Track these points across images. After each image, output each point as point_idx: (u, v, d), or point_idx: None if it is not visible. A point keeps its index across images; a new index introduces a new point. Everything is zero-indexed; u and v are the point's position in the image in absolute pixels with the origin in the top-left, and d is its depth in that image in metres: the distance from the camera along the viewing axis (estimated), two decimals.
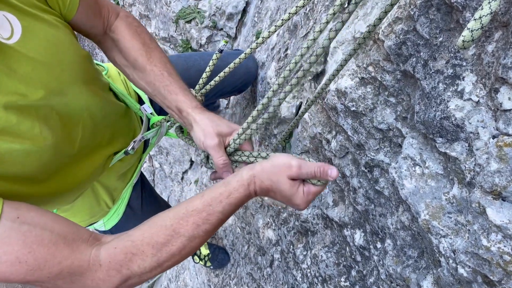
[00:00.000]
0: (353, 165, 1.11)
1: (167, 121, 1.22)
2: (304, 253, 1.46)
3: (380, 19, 0.80)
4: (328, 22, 0.75)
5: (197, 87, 1.13)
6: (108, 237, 0.75)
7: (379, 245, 1.06)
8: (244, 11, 2.05)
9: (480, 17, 0.52)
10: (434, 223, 0.79)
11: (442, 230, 0.77)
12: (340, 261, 1.26)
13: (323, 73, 1.24)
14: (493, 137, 0.66)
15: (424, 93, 0.79)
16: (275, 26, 0.98)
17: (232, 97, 2.24)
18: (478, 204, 0.68)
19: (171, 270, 3.51)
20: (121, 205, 1.30)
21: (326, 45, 0.74)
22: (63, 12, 0.85)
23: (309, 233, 1.45)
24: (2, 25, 0.71)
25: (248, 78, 1.70)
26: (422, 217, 0.81)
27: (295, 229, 1.54)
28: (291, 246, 1.55)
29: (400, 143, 0.94)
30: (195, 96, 1.06)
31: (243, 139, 0.88)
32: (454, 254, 0.74)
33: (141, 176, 1.50)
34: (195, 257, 2.61)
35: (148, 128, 1.25)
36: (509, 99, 0.62)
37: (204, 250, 2.56)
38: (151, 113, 1.24)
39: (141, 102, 1.28)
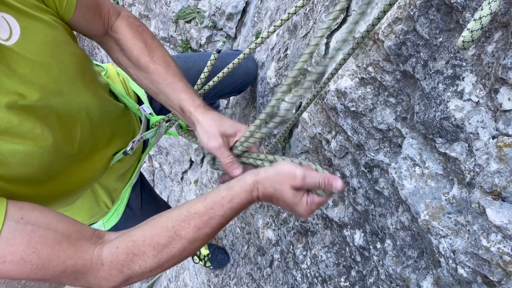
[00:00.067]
0: (353, 165, 1.11)
1: (166, 121, 1.22)
2: (304, 253, 1.46)
3: (379, 19, 0.80)
4: (322, 36, 0.75)
5: (195, 87, 1.13)
6: (111, 234, 0.76)
7: (379, 245, 1.06)
8: (244, 11, 2.05)
9: (480, 18, 0.52)
10: (434, 224, 0.79)
11: (442, 230, 0.77)
12: (340, 261, 1.26)
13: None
14: (493, 137, 0.66)
15: (424, 93, 0.79)
16: (274, 26, 0.98)
17: (232, 97, 2.24)
18: (478, 204, 0.68)
19: (170, 270, 3.51)
20: (121, 205, 1.30)
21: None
22: (60, 12, 0.85)
23: (309, 233, 1.44)
24: (1, 26, 0.71)
25: (247, 78, 1.70)
26: (422, 217, 0.81)
27: (294, 229, 1.54)
28: (291, 246, 1.55)
29: (400, 143, 0.93)
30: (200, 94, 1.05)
31: (251, 142, 0.88)
32: (454, 255, 0.74)
33: (141, 176, 1.50)
34: (195, 257, 2.61)
35: (148, 128, 1.25)
36: (509, 99, 0.62)
37: (203, 250, 2.56)
38: (150, 114, 1.24)
39: (140, 102, 1.28)
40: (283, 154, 1.57)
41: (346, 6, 0.74)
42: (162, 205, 1.67)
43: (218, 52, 1.12)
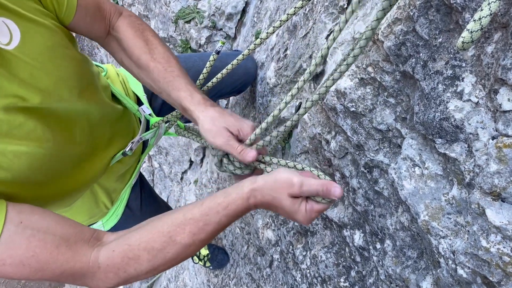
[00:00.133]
0: (353, 166, 1.11)
1: (165, 122, 1.22)
2: (304, 253, 1.46)
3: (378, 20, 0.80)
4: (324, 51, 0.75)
5: None
6: (110, 236, 0.77)
7: (378, 245, 1.06)
8: (244, 11, 2.05)
9: (479, 18, 0.52)
10: (433, 224, 0.79)
11: (442, 231, 0.77)
12: (340, 261, 1.26)
13: (322, 73, 1.24)
14: (493, 138, 0.66)
15: (424, 94, 0.79)
16: (273, 27, 0.98)
17: (232, 98, 2.24)
18: (478, 205, 0.67)
19: (170, 270, 3.51)
20: (120, 206, 1.30)
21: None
22: (60, 16, 0.85)
23: (309, 233, 1.44)
24: (1, 31, 0.71)
25: (247, 78, 1.70)
26: (422, 218, 0.81)
27: (294, 230, 1.54)
28: (291, 246, 1.55)
29: (400, 143, 0.93)
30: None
31: (260, 145, 0.88)
32: (454, 255, 0.74)
33: (140, 176, 1.50)
34: (195, 257, 2.61)
35: (147, 129, 1.25)
36: (509, 100, 0.62)
37: (203, 251, 2.56)
38: (149, 114, 1.24)
39: (140, 103, 1.28)
40: (282, 155, 1.57)
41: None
42: (162, 206, 1.67)
43: (217, 53, 1.12)
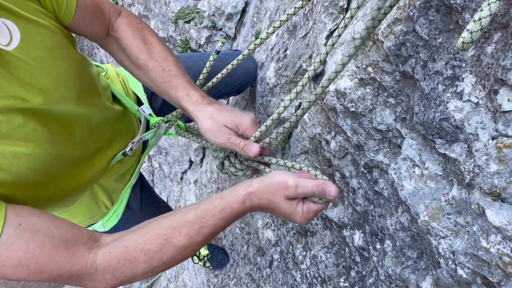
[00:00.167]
0: (353, 166, 1.11)
1: (166, 122, 1.22)
2: (304, 253, 1.46)
3: (379, 21, 0.80)
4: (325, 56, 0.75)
5: None
6: (107, 237, 0.78)
7: (378, 246, 1.06)
8: (243, 11, 2.05)
9: (479, 19, 0.52)
10: (433, 224, 0.79)
11: (442, 231, 0.77)
12: (340, 261, 1.26)
13: (322, 73, 1.24)
14: (493, 138, 0.66)
15: (424, 94, 0.79)
16: (273, 27, 0.98)
17: (231, 98, 2.24)
18: (478, 205, 0.67)
19: (170, 270, 3.51)
20: (120, 206, 1.30)
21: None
22: (59, 16, 0.85)
23: (308, 233, 1.44)
24: (1, 31, 0.71)
25: (247, 78, 1.70)
26: (422, 218, 0.81)
27: (294, 230, 1.54)
28: (291, 246, 1.55)
29: (400, 144, 0.93)
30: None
31: (267, 142, 0.88)
32: (454, 255, 0.74)
33: (140, 176, 1.50)
34: (194, 258, 2.61)
35: (147, 129, 1.25)
36: (509, 100, 0.62)
37: (203, 251, 2.56)
38: (149, 114, 1.24)
39: (140, 103, 1.28)
40: (282, 155, 1.57)
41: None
42: (162, 206, 1.67)
43: (217, 53, 1.12)
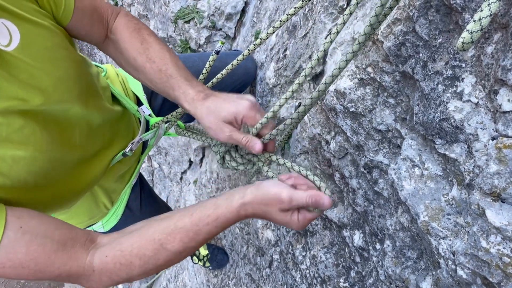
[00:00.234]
0: (352, 166, 1.11)
1: (165, 122, 1.22)
2: (303, 253, 1.46)
3: (379, 21, 0.80)
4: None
5: None
6: (103, 238, 0.80)
7: (378, 246, 1.06)
8: (243, 11, 2.05)
9: (479, 19, 0.52)
10: (433, 225, 0.79)
11: (442, 231, 0.77)
12: (339, 262, 1.26)
13: (322, 73, 1.24)
14: (493, 138, 0.66)
15: (423, 94, 0.79)
16: (273, 27, 0.98)
17: None
18: (478, 205, 0.67)
19: (170, 270, 3.51)
20: (120, 206, 1.30)
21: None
22: (58, 17, 0.85)
23: (308, 233, 1.44)
24: (1, 32, 0.71)
25: (247, 79, 1.70)
26: (422, 218, 0.81)
27: (294, 230, 1.54)
28: (290, 246, 1.55)
29: (399, 144, 0.93)
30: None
31: (267, 139, 0.88)
32: (454, 256, 0.74)
33: (140, 177, 1.50)
34: (194, 258, 2.61)
35: (147, 130, 1.24)
36: (509, 100, 0.62)
37: (203, 251, 2.56)
38: (149, 115, 1.24)
39: (139, 103, 1.27)
40: (282, 155, 1.57)
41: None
42: (162, 206, 1.67)
43: (217, 53, 1.12)
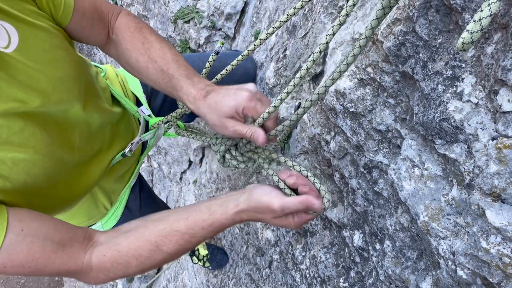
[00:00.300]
0: (352, 166, 1.11)
1: (165, 123, 1.21)
2: (303, 254, 1.46)
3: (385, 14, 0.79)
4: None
5: None
6: (100, 235, 0.83)
7: (378, 246, 1.06)
8: (243, 11, 2.05)
9: (479, 19, 0.52)
10: (433, 225, 0.79)
11: (441, 232, 0.77)
12: (339, 262, 1.26)
13: (322, 74, 1.24)
14: (492, 139, 0.66)
15: (423, 94, 0.79)
16: (273, 28, 0.98)
17: None
18: (478, 206, 0.67)
19: (170, 270, 3.51)
20: (119, 207, 1.30)
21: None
22: (57, 18, 0.84)
23: (308, 234, 1.44)
24: (0, 34, 0.71)
25: (246, 79, 1.69)
26: (421, 218, 0.81)
27: (293, 230, 1.53)
28: (290, 247, 1.55)
29: (399, 144, 0.93)
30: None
31: (273, 135, 0.91)
32: (453, 256, 0.74)
33: (139, 177, 1.49)
34: (194, 258, 2.60)
35: (147, 130, 1.24)
36: (509, 101, 0.62)
37: (202, 251, 2.55)
38: (148, 115, 1.24)
39: (139, 104, 1.27)
40: (282, 155, 1.57)
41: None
42: (161, 206, 1.67)
43: (217, 53, 1.12)
